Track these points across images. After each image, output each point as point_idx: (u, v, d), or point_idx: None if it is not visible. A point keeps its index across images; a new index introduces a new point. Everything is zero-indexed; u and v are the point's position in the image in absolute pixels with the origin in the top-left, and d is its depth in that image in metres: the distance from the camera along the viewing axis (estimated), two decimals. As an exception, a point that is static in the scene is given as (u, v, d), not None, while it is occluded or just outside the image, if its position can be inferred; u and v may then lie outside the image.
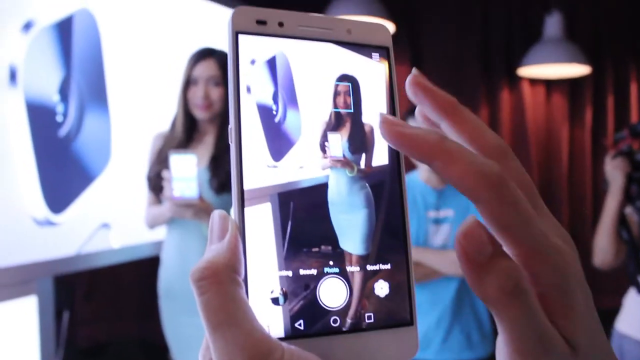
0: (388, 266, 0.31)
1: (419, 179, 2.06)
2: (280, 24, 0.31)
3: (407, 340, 0.30)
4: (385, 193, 0.31)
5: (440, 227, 2.00)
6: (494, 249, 0.26)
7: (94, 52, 2.23)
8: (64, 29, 2.08)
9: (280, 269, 0.29)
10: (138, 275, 2.86)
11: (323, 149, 0.30)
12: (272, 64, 0.30)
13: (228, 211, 1.16)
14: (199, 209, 1.95)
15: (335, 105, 0.31)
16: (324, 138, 0.31)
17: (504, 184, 0.27)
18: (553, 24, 3.40)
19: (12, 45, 1.88)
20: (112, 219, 2.31)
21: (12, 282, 1.90)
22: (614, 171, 1.97)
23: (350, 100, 0.31)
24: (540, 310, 0.27)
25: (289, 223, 0.29)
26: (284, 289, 0.29)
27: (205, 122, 2.14)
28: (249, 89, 0.29)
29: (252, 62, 0.30)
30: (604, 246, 1.98)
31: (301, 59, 0.31)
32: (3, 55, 1.86)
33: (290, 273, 0.29)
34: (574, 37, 3.57)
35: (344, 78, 0.32)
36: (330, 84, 0.31)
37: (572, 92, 3.87)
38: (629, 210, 1.97)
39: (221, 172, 2.08)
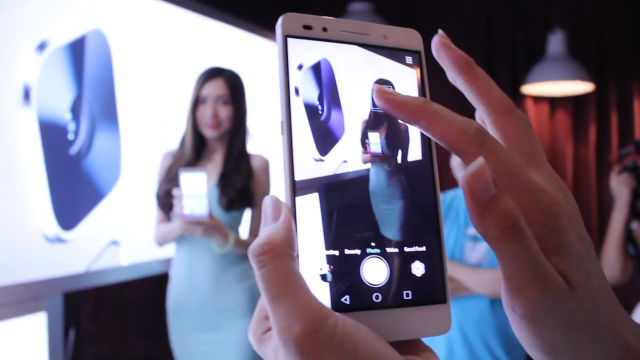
0: (423, 249, 0.34)
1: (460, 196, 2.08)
2: (324, 29, 0.34)
3: (441, 316, 0.33)
4: (419, 184, 0.34)
5: (477, 245, 1.99)
6: (497, 191, 0.29)
7: (105, 71, 2.28)
8: (76, 49, 2.13)
9: (327, 249, 0.32)
10: (144, 293, 2.88)
11: (364, 145, 0.34)
12: (317, 68, 0.34)
13: (237, 228, 1.21)
14: (209, 227, 1.97)
15: (374, 106, 0.35)
16: (365, 135, 0.34)
17: (483, 137, 0.31)
18: (556, 42, 3.46)
19: (26, 65, 1.93)
20: (121, 236, 2.34)
21: (22, 298, 1.92)
22: (620, 187, 2.00)
23: None
24: (537, 247, 0.30)
25: (335, 210, 0.32)
26: (331, 267, 0.32)
27: (214, 141, 2.18)
28: (297, 91, 0.33)
29: (300, 67, 0.33)
30: (610, 262, 2.00)
31: (342, 63, 0.35)
32: (18, 75, 1.91)
33: (336, 252, 0.32)
34: (576, 55, 3.62)
35: (381, 81, 0.35)
36: (368, 86, 0.35)
37: (576, 109, 3.91)
38: (635, 225, 2.00)
39: (230, 190, 2.11)
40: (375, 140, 0.34)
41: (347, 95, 0.34)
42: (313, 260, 0.31)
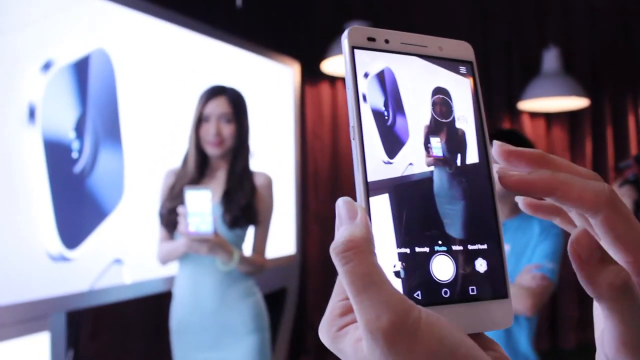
0: (485, 246, 0.36)
1: None
2: (386, 41, 0.37)
3: (504, 311, 0.35)
4: (478, 185, 0.37)
5: None
6: (602, 254, 0.32)
7: (109, 90, 2.30)
8: (81, 69, 2.15)
9: (399, 247, 0.34)
10: (147, 311, 2.87)
11: (427, 149, 0.36)
12: (381, 77, 0.36)
13: (240, 245, 1.23)
14: (214, 244, 1.97)
15: (434, 113, 0.37)
16: (427, 140, 0.36)
17: (617, 200, 0.33)
18: (551, 59, 3.51)
19: (31, 84, 1.95)
20: (124, 255, 2.34)
21: (25, 318, 1.91)
22: (622, 199, 2.02)
23: (445, 108, 0.37)
24: None
25: (404, 210, 0.34)
26: (403, 264, 0.34)
27: (217, 159, 2.18)
28: (364, 98, 0.35)
29: (366, 75, 0.35)
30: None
31: (404, 72, 0.37)
32: (23, 94, 1.93)
33: (407, 250, 0.34)
34: (571, 71, 3.68)
35: (440, 89, 0.37)
36: (428, 94, 0.37)
37: (572, 124, 3.96)
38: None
39: (233, 207, 2.12)
40: (437, 145, 0.36)
41: (409, 101, 0.36)
42: (386, 257, 0.33)
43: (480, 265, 0.35)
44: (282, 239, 3.39)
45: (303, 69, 3.76)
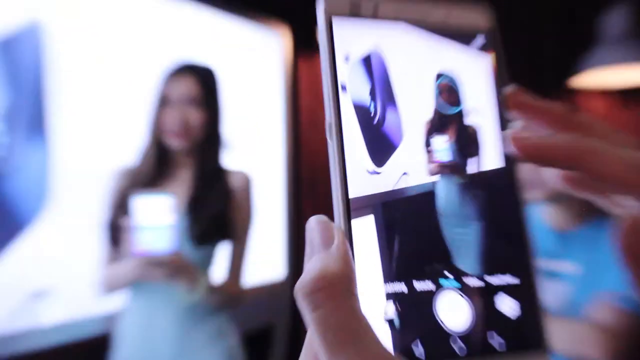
0: (513, 281, 0.35)
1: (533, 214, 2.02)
2: (375, 9, 0.36)
3: None
4: (501, 201, 0.36)
5: (553, 284, 1.93)
6: None
7: (36, 71, 2.28)
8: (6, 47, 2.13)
9: (391, 285, 0.33)
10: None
11: (428, 152, 0.35)
12: (367, 60, 0.35)
13: (209, 269, 1.24)
14: (174, 267, 1.96)
15: (438, 104, 0.36)
16: (428, 141, 0.35)
17: None
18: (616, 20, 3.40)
19: None
20: (48, 284, 2.31)
21: None
22: None
23: (454, 96, 0.36)
24: None
25: (397, 236, 0.33)
26: (398, 307, 0.33)
27: (181, 154, 2.18)
28: (344, 88, 0.34)
29: (346, 58, 0.35)
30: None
31: (397, 52, 0.36)
32: None
33: (403, 289, 0.33)
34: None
35: (446, 71, 0.37)
36: (430, 79, 0.36)
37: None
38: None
39: (201, 218, 2.11)
40: (442, 146, 0.35)
41: (404, 91, 0.36)
42: (373, 299, 0.32)
43: (506, 305, 0.35)
44: (267, 259, 3.38)
45: (295, 35, 3.75)
